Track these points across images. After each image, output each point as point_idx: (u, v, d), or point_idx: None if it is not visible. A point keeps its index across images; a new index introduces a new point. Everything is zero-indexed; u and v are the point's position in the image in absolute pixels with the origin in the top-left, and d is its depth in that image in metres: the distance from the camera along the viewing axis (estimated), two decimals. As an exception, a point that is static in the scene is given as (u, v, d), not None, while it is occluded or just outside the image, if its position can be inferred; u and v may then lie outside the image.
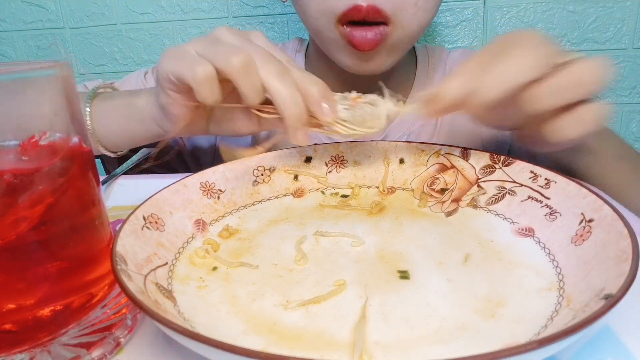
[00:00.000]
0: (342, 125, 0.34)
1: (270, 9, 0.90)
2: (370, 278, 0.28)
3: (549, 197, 0.32)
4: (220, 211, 0.36)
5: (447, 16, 0.88)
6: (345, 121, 0.34)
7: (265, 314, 0.25)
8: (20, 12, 0.94)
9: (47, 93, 0.22)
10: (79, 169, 0.24)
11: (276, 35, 0.92)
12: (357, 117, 0.34)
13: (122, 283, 0.22)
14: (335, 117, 0.34)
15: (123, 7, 0.93)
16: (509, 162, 0.36)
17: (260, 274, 0.29)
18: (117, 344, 0.25)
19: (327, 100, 0.34)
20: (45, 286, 0.23)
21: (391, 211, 0.37)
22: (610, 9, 0.84)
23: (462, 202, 0.36)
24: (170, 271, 0.28)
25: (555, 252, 0.29)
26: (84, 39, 0.96)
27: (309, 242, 0.32)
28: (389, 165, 0.41)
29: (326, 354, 0.22)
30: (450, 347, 0.22)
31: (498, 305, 0.25)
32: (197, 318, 0.25)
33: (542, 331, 0.22)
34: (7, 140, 0.22)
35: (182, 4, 0.91)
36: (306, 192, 0.40)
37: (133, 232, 0.28)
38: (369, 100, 0.35)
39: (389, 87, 0.63)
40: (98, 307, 0.25)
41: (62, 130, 0.23)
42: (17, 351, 0.22)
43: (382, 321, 0.24)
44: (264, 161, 0.40)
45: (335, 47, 0.51)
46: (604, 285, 0.22)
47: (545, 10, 0.85)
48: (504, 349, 0.17)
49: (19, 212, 0.22)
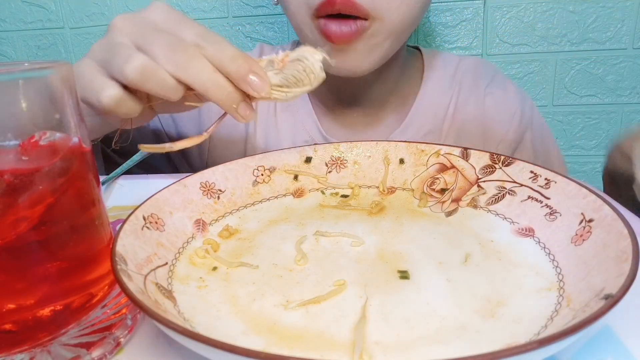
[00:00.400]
0: (278, 91, 0.32)
1: (270, 9, 0.90)
2: (370, 278, 0.28)
3: (549, 197, 0.32)
4: (220, 211, 0.36)
5: (447, 16, 0.88)
6: (280, 86, 0.32)
7: (265, 314, 0.25)
8: (20, 12, 0.94)
9: (47, 93, 0.22)
10: (79, 169, 0.24)
11: (276, 35, 0.92)
12: (290, 77, 0.31)
13: (122, 283, 0.22)
14: (269, 89, 0.31)
15: (123, 7, 0.93)
16: (509, 162, 0.36)
17: (260, 274, 0.29)
18: (117, 344, 0.25)
19: (254, 72, 0.31)
20: (45, 286, 0.23)
21: (391, 211, 0.37)
22: (610, 9, 0.84)
23: (462, 202, 0.36)
24: (170, 271, 0.28)
25: (555, 252, 0.29)
26: (84, 39, 0.96)
27: (309, 242, 0.32)
28: (389, 165, 0.41)
29: (326, 354, 0.22)
30: (450, 347, 0.22)
31: (498, 305, 0.25)
32: (197, 318, 0.25)
33: (542, 331, 0.22)
34: (7, 140, 0.22)
35: (182, 4, 0.91)
36: (306, 192, 0.40)
37: (133, 232, 0.28)
38: (296, 57, 0.32)
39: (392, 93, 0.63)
40: (98, 307, 0.25)
41: (62, 130, 0.23)
42: (17, 351, 0.22)
43: (382, 321, 0.24)
44: (264, 161, 0.40)
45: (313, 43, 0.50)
46: (604, 285, 0.22)
47: (545, 10, 0.85)
48: (504, 349, 0.17)
49: (19, 212, 0.22)
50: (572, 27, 0.86)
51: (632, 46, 0.86)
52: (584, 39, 0.86)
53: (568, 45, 0.87)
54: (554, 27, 0.86)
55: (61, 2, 0.93)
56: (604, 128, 0.92)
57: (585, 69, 0.88)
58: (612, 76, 0.88)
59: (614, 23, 0.85)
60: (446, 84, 0.61)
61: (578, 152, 0.95)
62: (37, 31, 0.96)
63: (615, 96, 0.90)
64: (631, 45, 0.86)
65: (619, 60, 0.87)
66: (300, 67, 0.31)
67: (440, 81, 0.61)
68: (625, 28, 0.85)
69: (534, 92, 0.91)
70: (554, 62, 0.88)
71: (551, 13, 0.85)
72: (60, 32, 0.95)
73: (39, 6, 0.94)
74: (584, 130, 0.93)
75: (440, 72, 0.62)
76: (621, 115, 0.91)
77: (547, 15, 0.86)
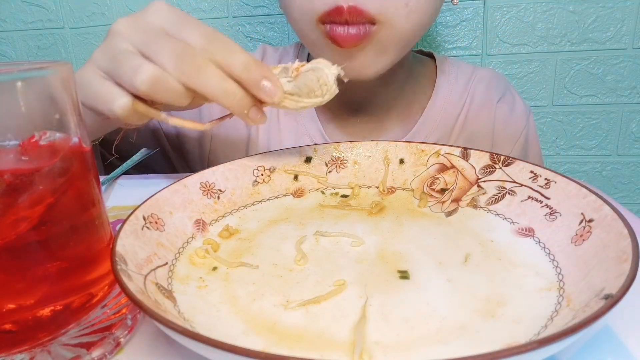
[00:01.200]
0: (290, 99, 0.31)
1: (270, 9, 0.90)
2: (370, 278, 0.28)
3: (549, 197, 0.32)
4: (220, 211, 0.36)
5: (447, 16, 0.88)
6: (292, 94, 0.31)
7: (265, 314, 0.25)
8: (20, 12, 0.94)
9: (47, 93, 0.22)
10: (79, 169, 0.24)
11: (276, 35, 0.92)
12: (303, 87, 0.31)
13: (122, 283, 0.22)
14: (282, 95, 0.31)
15: (123, 7, 0.93)
16: (509, 162, 0.36)
17: (260, 274, 0.29)
18: (117, 344, 0.25)
19: (267, 78, 0.31)
20: (45, 286, 0.23)
21: (391, 211, 0.37)
22: (610, 9, 0.84)
23: (462, 202, 0.36)
24: (170, 271, 0.28)
25: (555, 252, 0.29)
26: (84, 39, 0.96)
27: (309, 242, 0.32)
28: (389, 165, 0.41)
29: (326, 354, 0.22)
30: (450, 347, 0.22)
31: (498, 305, 0.25)
32: (197, 318, 0.25)
33: (542, 331, 0.22)
34: (7, 140, 0.22)
35: (182, 4, 0.91)
36: (306, 192, 0.40)
37: (133, 232, 0.28)
38: (311, 67, 0.32)
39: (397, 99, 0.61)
40: (98, 307, 0.25)
41: (62, 130, 0.23)
42: (17, 351, 0.22)
43: (382, 321, 0.24)
44: (264, 161, 0.40)
45: (319, 47, 0.49)
46: (604, 285, 0.22)
47: (545, 10, 0.85)
48: (504, 349, 0.17)
49: (19, 212, 0.22)
50: (572, 27, 0.86)
51: (632, 46, 0.86)
52: (584, 39, 0.86)
53: (568, 45, 0.87)
54: (554, 27, 0.86)
55: (61, 2, 0.93)
56: (604, 128, 0.92)
57: (585, 69, 0.88)
58: (612, 76, 0.88)
59: (614, 23, 0.85)
60: (457, 93, 0.60)
61: (578, 152, 0.95)
62: (37, 31, 0.96)
63: (615, 96, 0.90)
64: (631, 45, 0.86)
65: (619, 60, 0.87)
66: (315, 77, 0.31)
67: (452, 90, 0.60)
68: (625, 28, 0.85)
69: (534, 92, 0.91)
70: (554, 62, 0.88)
71: (551, 13, 0.85)
72: (60, 32, 0.95)
73: (39, 6, 0.94)
74: (584, 130, 0.93)
75: (452, 81, 0.61)
76: (621, 115, 0.91)
77: (547, 15, 0.86)
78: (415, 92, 0.61)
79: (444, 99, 0.60)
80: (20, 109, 0.22)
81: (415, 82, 0.61)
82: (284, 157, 0.40)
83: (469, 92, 0.60)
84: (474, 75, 0.62)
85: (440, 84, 0.60)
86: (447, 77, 0.61)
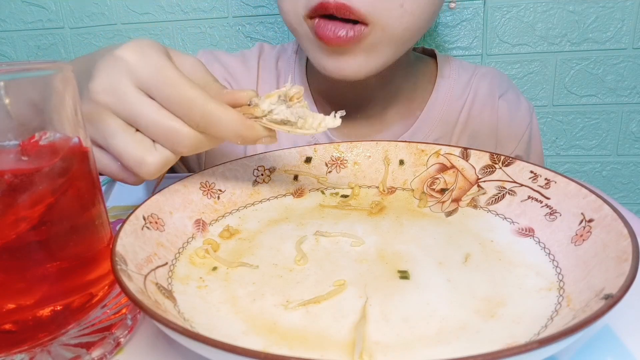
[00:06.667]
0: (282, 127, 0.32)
1: (270, 9, 0.90)
2: (370, 278, 0.28)
3: (549, 197, 0.32)
4: (220, 211, 0.36)
5: (447, 16, 0.88)
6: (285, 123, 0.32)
7: (265, 314, 0.25)
8: (20, 12, 0.94)
9: (47, 93, 0.22)
10: (79, 169, 0.24)
11: (276, 35, 0.92)
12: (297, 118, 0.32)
13: (122, 283, 0.22)
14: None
15: (123, 7, 0.93)
16: (509, 162, 0.36)
17: (260, 274, 0.29)
18: (117, 344, 0.25)
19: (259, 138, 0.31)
20: (45, 286, 0.23)
21: (391, 211, 0.37)
22: (610, 9, 0.84)
23: (462, 202, 0.36)
24: (170, 271, 0.28)
25: (555, 252, 0.29)
26: (84, 39, 0.96)
27: (309, 242, 0.32)
28: (389, 165, 0.41)
29: (326, 354, 0.22)
30: (450, 347, 0.22)
31: (498, 305, 0.25)
32: (197, 318, 0.25)
33: (542, 331, 0.22)
34: (7, 140, 0.22)
35: (182, 4, 0.91)
36: (306, 192, 0.40)
37: (133, 232, 0.28)
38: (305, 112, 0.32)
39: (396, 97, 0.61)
40: (98, 307, 0.25)
41: (62, 130, 0.23)
42: (17, 351, 0.22)
43: (382, 321, 0.24)
44: (264, 161, 0.40)
45: (308, 43, 0.49)
46: (604, 285, 0.22)
47: (545, 10, 0.85)
48: (504, 349, 0.17)
49: (19, 212, 0.22)
50: (572, 27, 0.86)
51: (632, 46, 0.86)
52: (584, 39, 0.86)
53: (568, 45, 0.87)
54: (554, 27, 0.86)
55: (61, 2, 0.93)
56: (604, 128, 0.92)
57: (585, 69, 0.88)
58: (612, 76, 0.88)
59: (614, 23, 0.85)
60: (459, 90, 0.60)
61: (578, 152, 0.95)
62: (37, 31, 0.96)
63: (615, 96, 0.90)
64: (631, 45, 0.86)
65: (619, 60, 0.87)
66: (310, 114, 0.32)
67: (454, 87, 0.60)
68: (625, 28, 0.85)
69: (534, 92, 0.91)
70: (554, 62, 0.88)
71: (551, 13, 0.85)
72: (60, 32, 0.95)
73: (39, 6, 0.94)
74: (584, 130, 0.93)
75: (453, 78, 0.60)
76: (621, 115, 0.91)
77: (547, 15, 0.86)
78: (416, 89, 0.60)
79: (445, 95, 0.60)
80: (21, 109, 0.22)
81: (416, 79, 0.61)
82: (284, 157, 0.40)
83: (471, 89, 0.60)
84: (476, 72, 0.62)
85: (441, 81, 0.60)
86: (449, 74, 0.61)
